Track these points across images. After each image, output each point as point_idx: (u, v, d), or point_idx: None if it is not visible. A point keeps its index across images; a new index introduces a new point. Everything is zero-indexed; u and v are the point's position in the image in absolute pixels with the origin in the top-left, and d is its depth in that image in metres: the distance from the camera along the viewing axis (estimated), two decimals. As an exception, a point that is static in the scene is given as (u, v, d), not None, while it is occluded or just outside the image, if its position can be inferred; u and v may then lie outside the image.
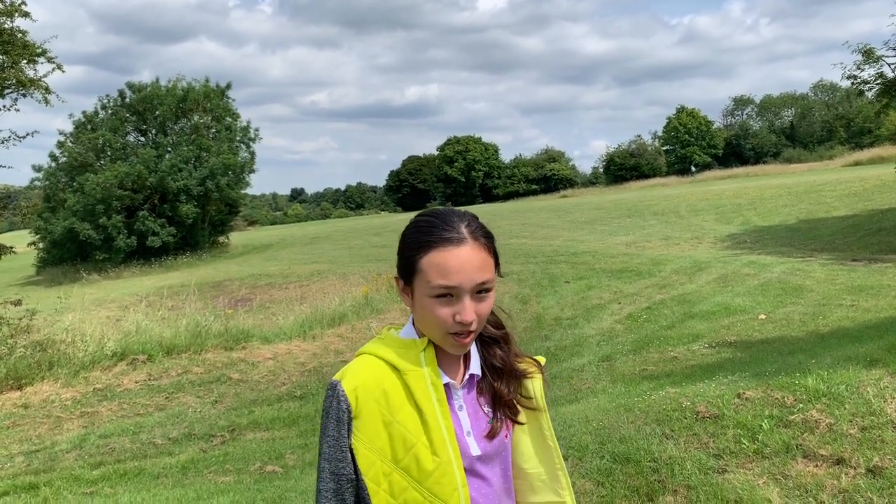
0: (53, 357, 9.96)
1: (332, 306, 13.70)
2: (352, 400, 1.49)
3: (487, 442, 1.54)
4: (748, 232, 20.38)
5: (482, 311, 1.49)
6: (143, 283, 25.56)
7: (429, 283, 1.47)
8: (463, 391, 1.57)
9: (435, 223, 1.50)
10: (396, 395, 1.50)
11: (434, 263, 1.46)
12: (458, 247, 1.46)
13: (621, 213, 29.34)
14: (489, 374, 1.60)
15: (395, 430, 1.48)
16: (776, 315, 10.00)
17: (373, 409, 1.48)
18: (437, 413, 1.49)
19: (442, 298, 1.47)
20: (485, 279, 1.48)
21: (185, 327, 11.17)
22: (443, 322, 1.48)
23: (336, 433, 1.49)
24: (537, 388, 1.62)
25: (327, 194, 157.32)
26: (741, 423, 4.78)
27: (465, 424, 1.54)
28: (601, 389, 7.62)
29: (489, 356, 1.61)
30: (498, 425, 1.56)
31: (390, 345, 1.57)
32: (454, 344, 1.50)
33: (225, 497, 5.13)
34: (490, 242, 1.53)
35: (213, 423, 8.33)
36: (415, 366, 1.52)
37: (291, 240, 38.69)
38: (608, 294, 13.43)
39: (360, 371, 1.53)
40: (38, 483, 6.55)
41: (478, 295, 1.48)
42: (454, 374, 1.58)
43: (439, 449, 1.48)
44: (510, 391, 1.59)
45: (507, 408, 1.58)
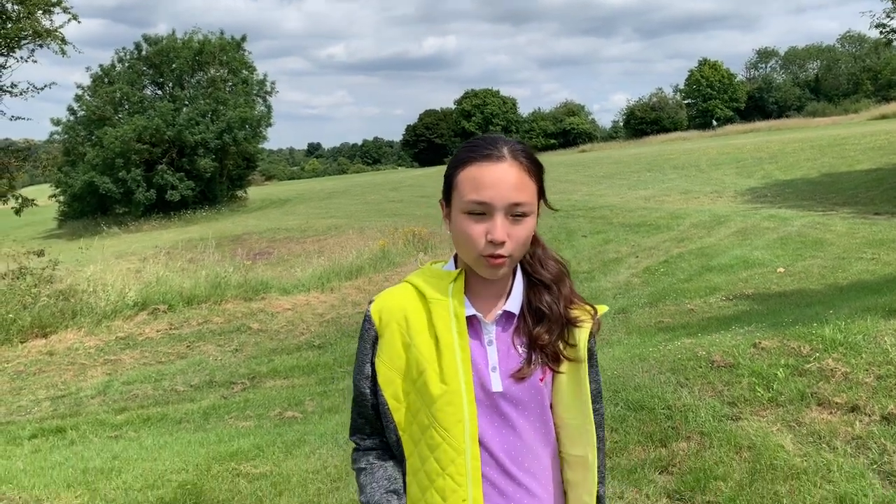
0: (76, 306, 10.13)
1: (349, 259, 13.77)
2: (376, 321, 1.54)
3: (514, 382, 1.50)
4: (769, 186, 20.14)
5: (517, 234, 1.45)
6: (163, 236, 25.80)
7: (462, 199, 1.45)
8: (497, 327, 1.54)
9: (478, 142, 1.49)
10: (417, 321, 1.51)
11: (469, 178, 1.45)
12: (495, 163, 1.44)
13: (641, 168, 29.05)
14: (529, 317, 1.55)
15: (412, 353, 1.49)
16: (795, 268, 9.94)
17: (394, 331, 1.52)
18: (454, 343, 1.47)
19: (475, 216, 1.44)
20: (520, 200, 1.44)
21: (205, 278, 11.30)
22: (475, 241, 1.44)
23: (361, 349, 1.57)
24: (582, 337, 1.54)
25: (344, 149, 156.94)
26: (756, 372, 4.79)
27: (491, 359, 1.51)
28: (616, 341, 7.65)
29: (535, 299, 1.56)
30: (529, 369, 1.50)
31: (426, 274, 1.58)
32: (486, 266, 1.46)
33: (246, 440, 5.25)
34: (533, 166, 1.49)
35: (234, 371, 8.48)
36: (441, 295, 1.51)
37: (309, 195, 38.74)
38: (626, 248, 13.38)
39: (388, 296, 1.57)
40: (64, 427, 6.72)
41: (513, 217, 1.44)
42: (486, 308, 1.55)
43: (449, 378, 1.46)
44: (551, 338, 1.52)
45: (543, 353, 1.52)
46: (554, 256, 1.63)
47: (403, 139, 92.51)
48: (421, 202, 26.37)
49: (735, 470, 3.92)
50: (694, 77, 77.93)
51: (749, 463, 3.96)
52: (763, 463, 3.90)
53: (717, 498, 3.72)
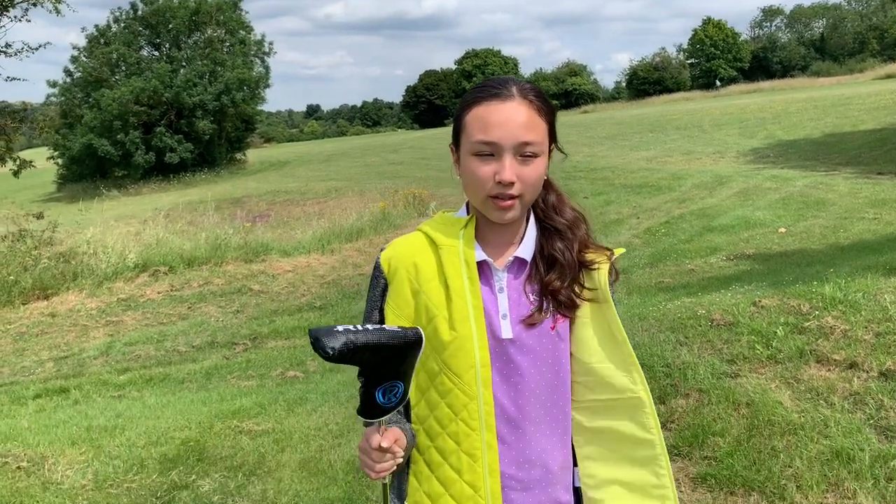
0: (77, 268, 10.15)
1: (349, 221, 13.75)
2: (385, 268, 1.53)
3: (525, 329, 1.47)
4: (772, 146, 20.01)
5: (527, 175, 1.42)
6: (163, 199, 25.75)
7: (470, 140, 1.42)
8: (508, 274, 1.52)
9: (488, 82, 1.46)
10: (427, 268, 1.49)
11: (477, 117, 1.42)
12: (503, 101, 1.41)
13: (643, 128, 28.86)
14: (542, 263, 1.52)
15: (421, 300, 1.48)
16: (796, 228, 9.92)
17: (403, 278, 1.50)
18: (464, 289, 1.45)
19: (483, 157, 1.41)
20: (529, 139, 1.40)
21: (205, 240, 11.29)
22: (483, 182, 1.42)
23: (371, 295, 1.56)
24: (602, 278, 1.50)
25: (343, 111, 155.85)
26: (756, 330, 4.81)
27: (501, 306, 1.48)
28: (617, 300, 7.53)
29: (547, 245, 1.53)
30: (540, 315, 1.47)
31: (437, 222, 1.56)
32: (495, 208, 1.44)
33: (248, 399, 5.29)
34: (544, 105, 1.45)
35: (236, 331, 8.52)
36: (452, 241, 1.49)
37: (308, 157, 38.56)
38: (627, 209, 13.35)
39: (399, 243, 1.56)
40: (68, 387, 6.78)
41: (522, 158, 1.41)
42: (498, 255, 1.52)
43: (459, 324, 1.44)
44: (563, 284, 1.49)
45: (556, 300, 1.48)
46: (570, 204, 1.59)
47: (403, 100, 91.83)
48: (421, 164, 26.24)
49: (733, 426, 3.95)
50: (698, 36, 76.96)
51: (747, 419, 3.99)
52: (761, 419, 3.93)
53: (715, 453, 3.76)
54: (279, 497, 3.63)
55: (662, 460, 1.51)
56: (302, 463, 3.98)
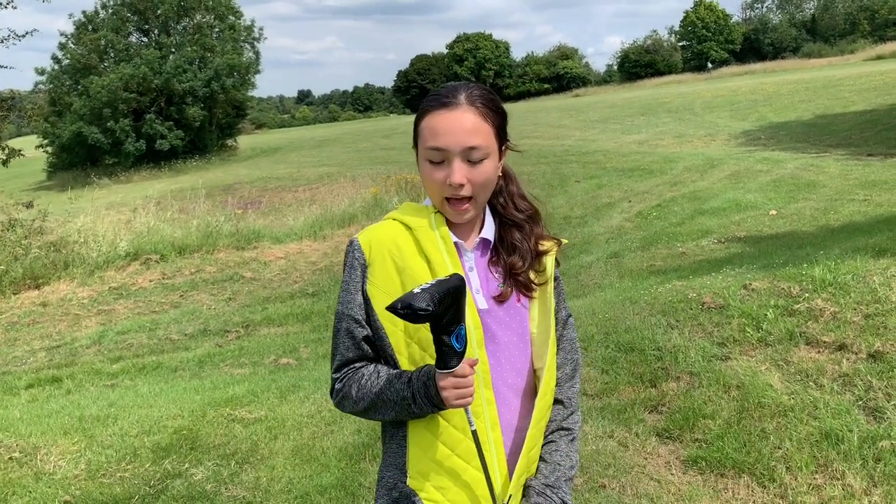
0: (68, 257, 10.11)
1: (341, 207, 13.72)
2: (366, 250, 1.60)
3: (496, 303, 1.61)
4: (763, 128, 20.02)
5: (475, 177, 1.53)
6: (154, 186, 25.60)
7: (423, 147, 1.54)
8: (475, 254, 1.64)
9: (440, 91, 1.57)
10: (408, 248, 1.58)
11: (428, 126, 1.53)
12: (451, 110, 1.50)
13: (634, 112, 28.81)
14: (503, 249, 1.66)
15: (407, 275, 1.56)
16: (787, 210, 9.94)
17: (385, 257, 1.58)
18: (446, 262, 1.56)
19: (434, 164, 1.53)
20: (475, 143, 1.50)
21: (197, 228, 11.26)
22: (437, 186, 1.54)
23: (349, 279, 1.61)
24: (549, 263, 1.68)
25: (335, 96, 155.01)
26: (746, 313, 4.83)
27: (474, 282, 1.61)
28: (608, 284, 7.68)
29: (507, 236, 1.67)
30: (508, 291, 1.62)
31: (406, 210, 1.67)
32: (451, 211, 1.57)
33: (240, 386, 5.29)
34: (489, 111, 1.54)
35: (228, 319, 8.51)
36: (425, 224, 1.61)
37: (300, 143, 38.39)
38: (618, 192, 13.35)
39: (375, 228, 1.64)
40: (60, 376, 6.77)
41: (470, 162, 1.51)
42: (465, 237, 1.64)
43: None
44: (524, 265, 1.64)
45: (517, 281, 1.63)
46: (524, 195, 1.73)
47: (395, 85, 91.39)
48: (413, 149, 26.10)
49: (723, 408, 3.98)
50: (689, 18, 76.71)
51: (737, 401, 4.02)
52: (751, 401, 3.96)
53: (706, 436, 3.79)
54: (272, 484, 3.64)
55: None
56: (295, 450, 3.99)
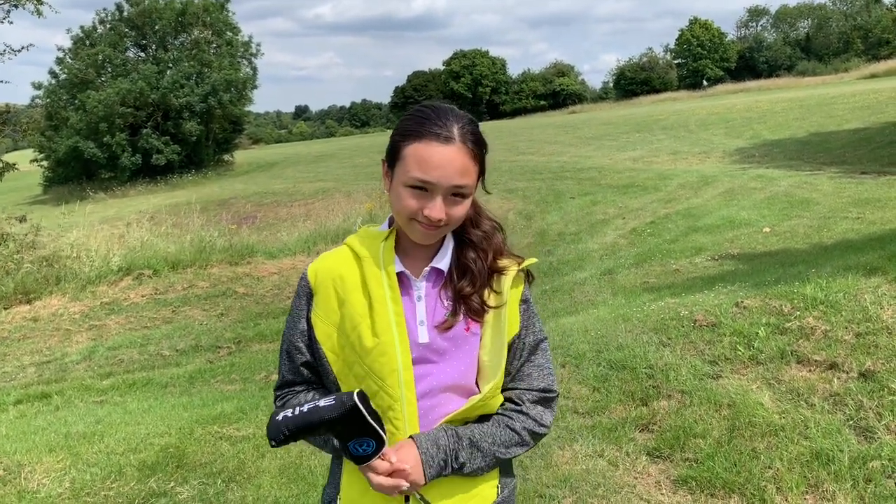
0: (60, 272, 10.06)
1: (336, 223, 13.71)
2: (311, 279, 1.62)
3: (439, 333, 1.57)
4: (757, 146, 20.10)
5: (454, 214, 1.52)
6: (150, 200, 25.59)
7: (407, 173, 1.49)
8: (427, 284, 1.61)
9: (430, 116, 1.51)
10: (351, 279, 1.58)
11: (416, 155, 1.48)
12: (445, 145, 1.47)
13: (630, 129, 28.92)
14: (456, 272, 1.62)
15: (346, 309, 1.57)
16: (781, 228, 9.96)
17: (329, 288, 1.59)
18: (385, 298, 1.55)
19: (416, 190, 1.49)
20: (462, 183, 1.49)
21: (190, 243, 11.23)
22: (412, 212, 1.51)
23: (295, 305, 1.65)
24: (506, 283, 1.61)
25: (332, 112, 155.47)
26: (738, 331, 4.82)
27: (419, 314, 1.58)
28: (601, 301, 7.67)
29: (461, 255, 1.63)
30: (452, 319, 1.57)
31: (361, 236, 1.65)
32: (418, 231, 1.54)
33: (230, 403, 5.25)
34: (478, 150, 1.53)
35: (220, 335, 8.47)
36: (373, 254, 1.59)
37: (296, 158, 38.44)
38: (613, 209, 13.37)
39: (325, 257, 1.66)
40: (49, 392, 6.71)
41: (452, 197, 1.50)
42: (416, 266, 1.61)
43: (381, 331, 1.53)
44: (473, 289, 1.59)
45: (467, 305, 1.58)
46: (488, 216, 1.68)
47: (392, 101, 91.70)
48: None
49: (714, 427, 3.96)
50: (684, 36, 77.27)
51: (728, 420, 3.99)
52: (742, 420, 3.93)
53: (697, 455, 3.76)
54: (258, 504, 3.60)
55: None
56: (282, 469, 3.95)
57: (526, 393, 1.65)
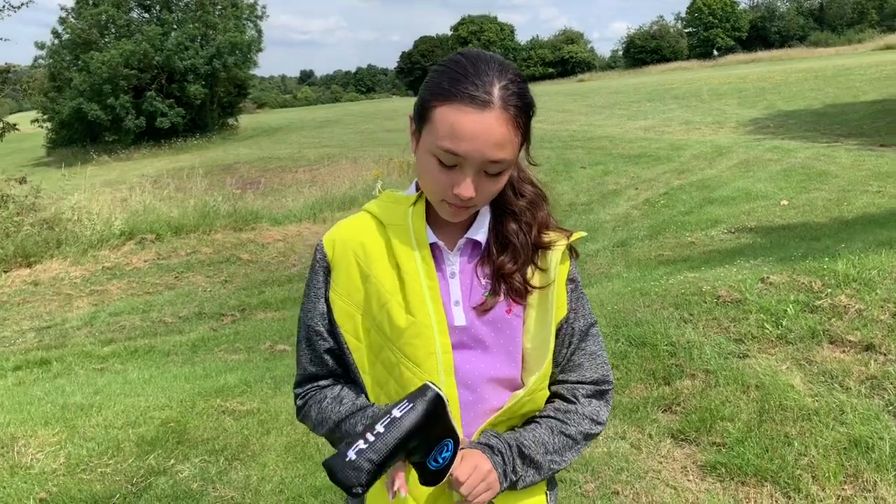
0: (61, 235, 9.86)
1: (342, 189, 13.47)
2: (328, 251, 1.40)
3: (478, 316, 1.34)
4: (772, 116, 19.71)
5: (487, 190, 1.29)
6: (154, 164, 25.33)
7: (434, 140, 1.25)
8: (461, 258, 1.38)
9: (465, 71, 1.23)
10: (376, 249, 1.36)
11: (447, 120, 1.22)
12: (481, 111, 1.21)
13: (641, 98, 28.46)
14: (496, 245, 1.38)
15: (371, 284, 1.34)
16: (799, 201, 9.70)
17: (350, 261, 1.37)
18: (418, 272, 1.33)
19: (444, 164, 1.25)
20: (499, 157, 1.24)
21: (193, 207, 11.01)
22: (439, 188, 1.28)
23: (311, 283, 1.43)
24: (554, 258, 1.38)
25: (337, 77, 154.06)
26: (764, 308, 4.60)
27: (453, 293, 1.35)
28: (615, 274, 7.46)
29: (501, 227, 1.39)
30: (493, 300, 1.35)
31: (384, 200, 1.43)
32: (448, 211, 1.32)
33: (233, 374, 5.07)
34: (522, 117, 1.26)
35: (224, 302, 8.29)
36: (401, 221, 1.37)
37: (301, 123, 38.03)
38: (625, 179, 13.10)
39: (343, 225, 1.44)
40: (49, 358, 6.56)
41: (487, 174, 1.26)
42: (450, 237, 1.38)
43: (416, 309, 1.31)
44: (515, 266, 1.36)
45: (507, 284, 1.36)
46: (531, 179, 1.45)
47: (398, 67, 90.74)
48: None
49: (742, 410, 3.76)
50: (696, 5, 75.94)
51: (757, 403, 3.79)
52: (772, 403, 3.73)
53: (725, 439, 3.56)
54: (262, 484, 3.41)
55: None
56: (288, 447, 3.76)
57: (579, 387, 1.42)
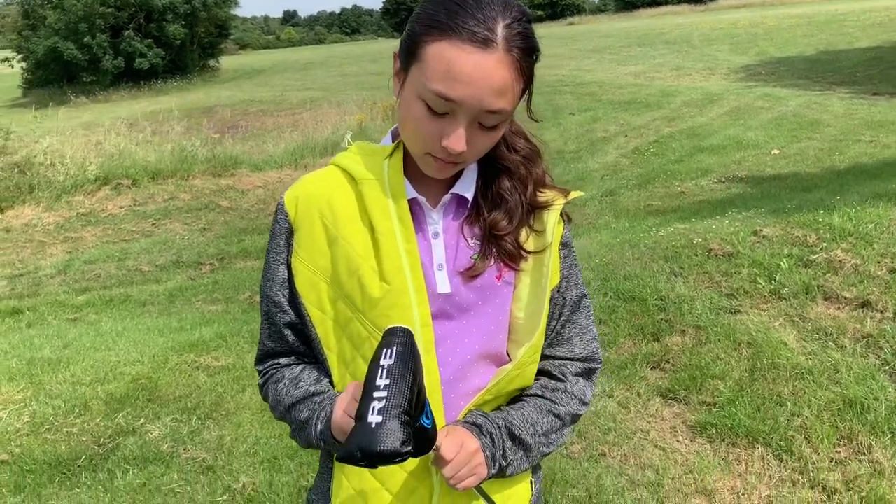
0: (33, 180, 9.54)
1: (324, 134, 13.12)
2: (290, 210, 1.21)
3: (464, 282, 1.18)
4: (764, 63, 19.38)
5: (480, 144, 1.12)
6: (133, 106, 24.68)
7: (425, 81, 1.06)
8: (445, 216, 1.21)
9: (466, 4, 1.05)
10: (345, 208, 1.18)
11: (441, 58, 1.04)
12: (482, 51, 1.03)
13: (631, 42, 27.95)
14: (485, 203, 1.22)
15: (340, 247, 1.16)
16: (790, 150, 9.52)
17: (314, 222, 1.19)
18: (394, 232, 1.15)
19: (434, 109, 1.07)
20: (497, 107, 1.07)
21: (171, 152, 10.67)
22: (425, 139, 1.10)
23: (271, 248, 1.24)
24: (551, 219, 1.21)
25: (321, 17, 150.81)
26: (757, 262, 4.47)
27: (436, 255, 1.18)
28: (604, 225, 7.30)
29: (492, 184, 1.22)
30: (482, 264, 1.18)
31: (355, 152, 1.23)
32: (432, 166, 1.14)
33: (209, 328, 4.91)
34: (527, 60, 1.09)
35: (202, 250, 8.08)
36: (374, 174, 1.18)
37: (284, 65, 37.18)
38: (614, 127, 12.84)
39: (308, 180, 1.24)
40: (21, 308, 6.37)
41: (481, 125, 1.09)
42: (432, 193, 1.21)
43: (391, 275, 1.14)
44: (510, 226, 1.19)
45: (500, 246, 1.19)
46: (524, 133, 1.28)
47: (384, 7, 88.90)
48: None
49: (734, 368, 3.65)
50: (689, -55, 74.35)
51: (749, 360, 3.68)
52: (764, 361, 3.63)
53: (715, 399, 3.46)
54: (236, 445, 3.27)
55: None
56: (263, 405, 3.62)
57: (567, 364, 1.26)
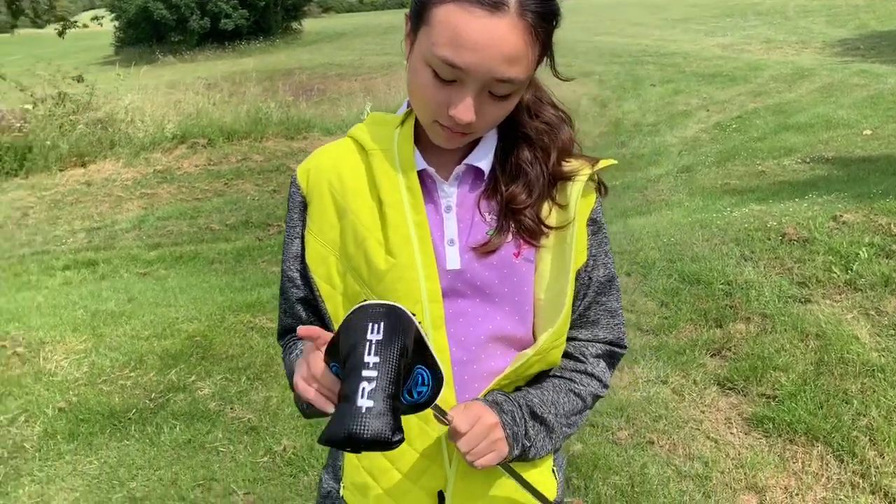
0: (114, 136, 9.87)
1: (397, 100, 13.10)
2: (302, 183, 1.19)
3: (477, 258, 1.10)
4: (863, 37, 18.26)
5: (491, 114, 1.05)
6: (217, 66, 25.27)
7: (431, 46, 1.00)
8: (459, 188, 1.14)
9: None
10: (354, 179, 1.14)
11: (448, 22, 0.97)
12: (491, 15, 0.96)
13: (720, 12, 26.79)
14: (502, 175, 1.14)
15: (348, 220, 1.12)
16: (884, 131, 8.95)
17: (324, 194, 1.15)
18: (403, 204, 1.10)
19: (441, 76, 1.01)
20: (508, 76, 0.99)
21: (246, 113, 10.84)
22: (432, 108, 1.04)
23: (289, 222, 1.23)
24: (574, 191, 1.12)
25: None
26: (834, 250, 4.22)
27: (448, 230, 1.12)
28: (676, 202, 7.05)
29: (511, 154, 1.14)
30: (498, 239, 1.11)
31: (368, 123, 1.19)
32: (441, 136, 1.08)
33: (269, 289, 4.97)
34: (542, 27, 1.01)
35: (271, 212, 8.21)
36: (384, 145, 1.13)
37: (366, 29, 37.23)
38: (696, 100, 12.37)
39: (321, 152, 1.21)
40: (97, 260, 6.62)
41: (492, 94, 1.02)
42: (445, 164, 1.14)
43: (397, 249, 1.08)
44: (530, 199, 1.11)
45: (518, 221, 1.11)
46: (553, 101, 1.18)
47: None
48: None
49: (799, 360, 3.46)
50: (791, -89, 70.66)
51: (816, 353, 3.48)
52: (832, 355, 3.42)
53: (776, 391, 3.29)
54: (282, 407, 3.31)
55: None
56: (311, 369, 3.65)
57: (589, 346, 1.19)
